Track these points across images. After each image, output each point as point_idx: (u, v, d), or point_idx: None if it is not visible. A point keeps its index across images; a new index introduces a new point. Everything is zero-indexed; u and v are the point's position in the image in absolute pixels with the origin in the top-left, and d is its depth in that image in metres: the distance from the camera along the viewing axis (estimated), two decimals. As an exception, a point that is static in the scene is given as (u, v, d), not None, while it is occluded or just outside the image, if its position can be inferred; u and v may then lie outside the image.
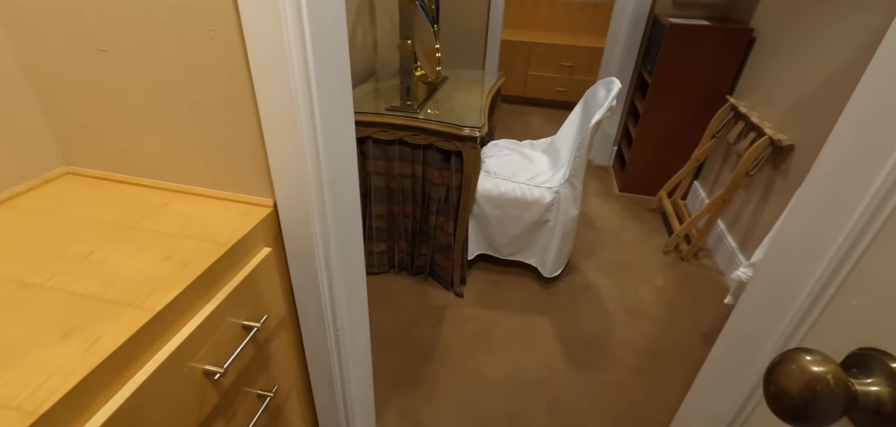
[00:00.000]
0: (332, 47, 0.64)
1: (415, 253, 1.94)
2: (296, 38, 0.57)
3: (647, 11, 2.55)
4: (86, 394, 0.44)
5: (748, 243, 1.94)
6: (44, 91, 0.73)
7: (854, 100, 0.49)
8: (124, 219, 0.68)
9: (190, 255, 0.61)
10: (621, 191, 2.76)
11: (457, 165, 1.64)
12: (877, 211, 0.43)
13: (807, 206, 0.51)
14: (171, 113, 0.70)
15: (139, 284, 0.56)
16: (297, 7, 0.55)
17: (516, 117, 3.97)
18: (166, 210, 0.71)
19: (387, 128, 1.61)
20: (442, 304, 1.86)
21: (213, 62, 0.63)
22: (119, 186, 0.77)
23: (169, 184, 0.77)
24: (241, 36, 0.59)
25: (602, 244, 2.27)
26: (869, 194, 0.43)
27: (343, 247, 0.79)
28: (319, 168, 0.68)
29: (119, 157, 0.77)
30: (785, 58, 1.88)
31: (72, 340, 0.47)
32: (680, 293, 1.96)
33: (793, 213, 0.54)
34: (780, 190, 1.78)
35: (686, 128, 2.45)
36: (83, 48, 0.67)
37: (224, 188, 0.74)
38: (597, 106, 1.74)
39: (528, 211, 1.80)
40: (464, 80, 2.08)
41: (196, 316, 0.58)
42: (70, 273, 0.57)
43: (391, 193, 1.79)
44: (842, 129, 0.50)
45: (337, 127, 0.69)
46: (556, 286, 1.98)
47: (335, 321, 0.84)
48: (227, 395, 0.68)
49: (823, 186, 0.50)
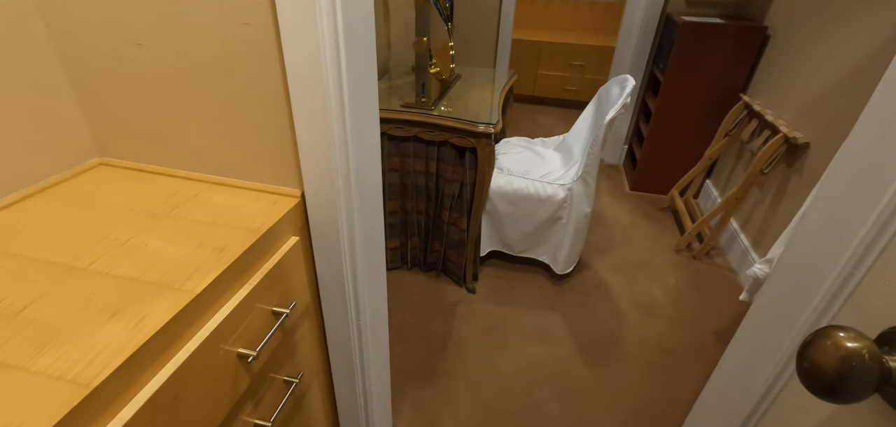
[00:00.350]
0: (361, 40, 0.66)
1: (427, 249, 1.96)
2: (329, 30, 0.59)
3: (659, 10, 2.54)
4: (134, 369, 0.46)
5: (761, 242, 1.93)
6: (80, 83, 0.76)
7: (878, 94, 0.49)
8: (158, 208, 0.71)
9: (224, 241, 0.63)
10: (632, 190, 2.76)
11: (471, 162, 1.65)
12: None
13: (835, 190, 0.52)
14: (204, 106, 0.72)
15: (178, 268, 0.58)
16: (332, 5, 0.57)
17: (526, 116, 3.98)
18: (198, 200, 0.73)
19: (402, 124, 1.63)
20: (454, 300, 1.87)
21: (248, 55, 0.65)
22: (151, 177, 0.79)
23: (199, 175, 0.79)
24: (275, 28, 0.61)
25: (613, 242, 2.27)
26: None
27: (367, 238, 0.81)
28: (348, 159, 0.69)
29: (151, 149, 0.79)
30: (800, 55, 1.87)
31: (119, 319, 0.50)
32: (692, 291, 1.96)
33: (821, 196, 0.54)
34: (795, 188, 1.77)
35: (698, 126, 2.44)
36: (120, 41, 0.69)
37: (253, 179, 0.76)
38: (611, 103, 1.74)
39: (541, 208, 1.81)
40: (477, 77, 2.09)
41: (231, 300, 0.60)
42: (111, 257, 0.59)
43: (405, 190, 1.81)
44: (866, 124, 0.51)
45: (365, 119, 0.71)
46: (568, 283, 1.98)
47: (357, 310, 0.85)
48: (257, 379, 0.70)
49: (852, 172, 0.51)
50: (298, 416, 0.89)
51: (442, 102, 1.75)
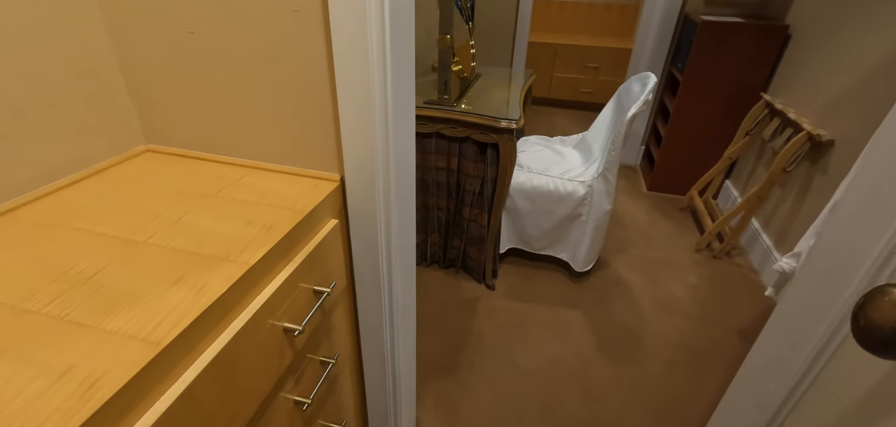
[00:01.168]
0: (403, 26, 0.68)
1: (447, 246, 1.98)
2: (377, 15, 0.61)
3: (677, 10, 2.54)
4: (198, 333, 0.49)
5: (784, 241, 1.91)
6: (131, 71, 0.79)
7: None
8: (206, 189, 0.74)
9: (271, 220, 0.66)
10: (650, 190, 2.75)
11: (492, 158, 1.67)
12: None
13: (884, 152, 0.52)
14: (250, 92, 0.74)
15: (231, 243, 0.60)
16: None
17: (541, 118, 3.98)
18: (242, 183, 0.76)
19: (424, 121, 1.66)
20: (474, 296, 1.89)
21: (295, 40, 0.67)
22: (196, 163, 0.83)
23: (242, 160, 0.82)
24: (324, 13, 0.63)
25: (632, 241, 2.26)
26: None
27: (402, 224, 0.83)
28: (388, 145, 0.71)
29: (196, 136, 0.82)
30: (823, 53, 1.86)
31: (181, 286, 0.52)
32: (714, 290, 1.95)
33: (867, 164, 0.55)
34: (819, 187, 1.75)
35: (717, 126, 2.43)
36: (171, 29, 0.73)
37: (295, 164, 0.79)
38: (632, 100, 1.75)
39: (561, 205, 1.81)
40: (496, 76, 2.11)
41: (278, 276, 0.62)
42: (167, 233, 0.62)
43: (426, 186, 1.83)
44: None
45: (404, 106, 0.73)
46: (587, 281, 1.98)
47: (390, 295, 0.87)
48: (299, 357, 0.72)
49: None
50: (332, 397, 0.91)
51: (463, 99, 1.77)
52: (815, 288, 0.65)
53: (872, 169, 0.54)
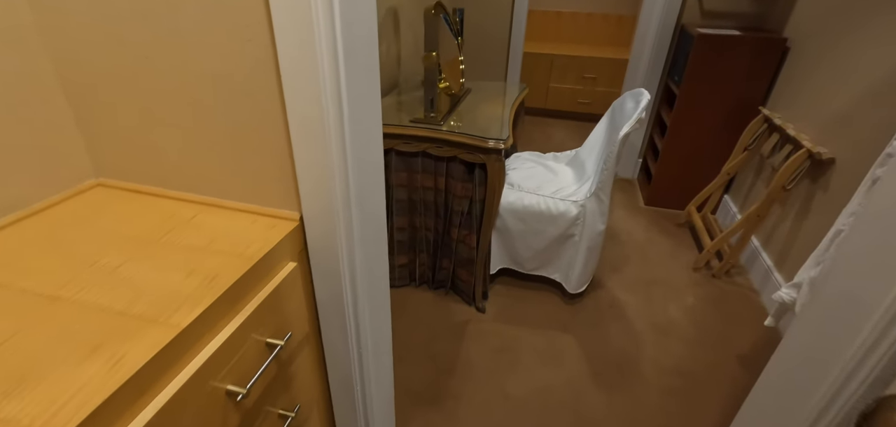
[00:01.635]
0: (363, 58, 0.62)
1: (436, 266, 1.91)
2: (328, 47, 0.56)
3: (674, 22, 2.49)
4: (109, 414, 0.43)
5: (786, 261, 1.85)
6: (79, 104, 0.74)
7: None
8: (152, 232, 0.68)
9: (216, 269, 0.60)
10: (647, 204, 2.69)
11: (480, 178, 1.61)
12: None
13: (882, 221, 0.47)
14: (202, 126, 0.69)
15: (165, 299, 0.54)
16: (330, 17, 0.54)
17: (538, 129, 3.93)
18: (194, 223, 0.70)
19: (410, 140, 1.60)
20: (464, 320, 1.82)
21: (247, 72, 0.62)
22: (148, 199, 0.77)
23: (197, 196, 0.76)
24: (273, 45, 0.58)
25: (628, 260, 2.20)
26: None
27: (368, 261, 0.77)
28: (347, 181, 0.66)
29: (149, 170, 0.77)
30: (823, 68, 1.80)
31: (97, 357, 0.46)
32: (712, 312, 1.88)
33: (861, 227, 0.49)
34: (820, 205, 1.69)
35: (715, 140, 2.37)
36: (119, 59, 0.67)
37: (251, 201, 0.74)
38: (625, 117, 1.69)
39: (553, 225, 1.75)
40: (487, 92, 2.06)
41: (221, 333, 0.57)
42: (98, 287, 0.57)
43: (413, 206, 1.78)
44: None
45: (366, 139, 0.68)
46: (581, 303, 1.92)
47: (359, 338, 0.81)
48: (249, 415, 0.66)
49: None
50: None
51: (451, 117, 1.72)
52: (809, 345, 0.59)
53: (866, 234, 0.48)
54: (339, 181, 0.65)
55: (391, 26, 2.04)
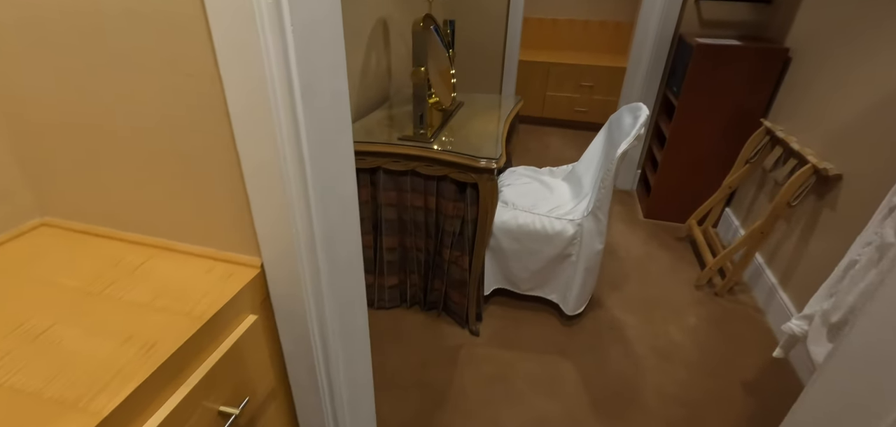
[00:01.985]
0: (326, 92, 0.55)
1: (428, 287, 1.84)
2: (281, 83, 0.48)
3: (672, 31, 2.43)
4: None
5: (791, 279, 1.77)
6: (19, 139, 0.67)
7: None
8: (93, 283, 0.60)
9: (158, 332, 0.52)
10: (646, 217, 2.62)
11: (472, 198, 1.54)
12: None
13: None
14: (151, 163, 0.62)
15: (91, 375, 0.47)
16: (282, 50, 0.47)
17: (534, 139, 3.87)
18: (141, 272, 0.63)
19: (399, 159, 1.53)
20: (456, 344, 1.74)
21: (193, 108, 0.55)
22: (96, 241, 0.70)
23: (149, 238, 0.69)
24: (220, 80, 0.51)
25: (627, 276, 2.12)
26: None
27: (341, 308, 0.70)
28: (311, 226, 0.58)
29: (97, 209, 0.69)
30: (827, 79, 1.74)
31: (-7, 462, 0.39)
32: (715, 334, 1.80)
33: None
34: (826, 223, 1.62)
35: (716, 152, 2.31)
36: (60, 92, 0.60)
37: (207, 244, 0.66)
38: (622, 133, 1.62)
39: (549, 245, 1.68)
40: (480, 105, 2.00)
41: (159, 411, 0.49)
42: (15, 359, 0.49)
43: (403, 226, 1.70)
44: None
45: (332, 179, 0.60)
46: (579, 324, 1.84)
47: (332, 392, 0.74)
48: (202, 491, 0.58)
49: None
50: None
51: (443, 133, 1.65)
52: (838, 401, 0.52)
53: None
54: (302, 225, 0.58)
55: (381, 37, 1.97)
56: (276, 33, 0.46)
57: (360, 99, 1.84)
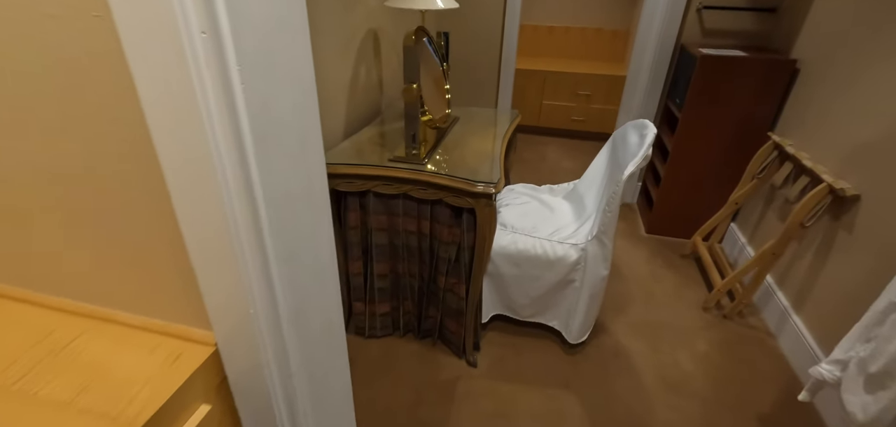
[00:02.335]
0: (291, 137, 0.45)
1: (422, 315, 1.73)
2: (227, 135, 0.38)
3: (673, 40, 2.35)
4: None
5: (805, 304, 1.68)
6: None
7: None
8: (6, 371, 0.49)
9: (74, 448, 0.41)
10: (648, 232, 2.52)
11: (469, 223, 1.43)
12: None
13: None
14: (80, 218, 0.51)
15: None
16: (225, 94, 0.36)
17: (531, 149, 3.78)
18: (70, 352, 0.52)
19: (390, 182, 1.42)
20: (453, 376, 1.63)
21: (124, 158, 0.44)
22: (24, 309, 0.58)
23: (86, 306, 0.58)
24: (148, 128, 0.40)
25: (632, 298, 2.02)
26: None
27: (314, 386, 0.59)
28: (274, 298, 0.48)
29: (22, 269, 0.58)
30: (839, 92, 1.66)
31: None
32: (727, 361, 1.70)
33: None
34: (843, 245, 1.53)
35: (720, 166, 2.22)
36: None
37: (153, 315, 0.55)
38: (628, 152, 1.53)
39: (551, 270, 1.58)
40: (476, 120, 1.90)
41: None
42: None
43: (395, 251, 1.59)
44: None
45: (300, 243, 0.50)
46: (583, 352, 1.74)
47: (307, 480, 0.62)
48: None
49: None
50: None
51: (437, 152, 1.54)
52: None
53: None
54: (261, 299, 0.47)
55: (371, 49, 1.87)
56: (216, 72, 0.35)
57: (349, 114, 1.73)
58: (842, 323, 1.48)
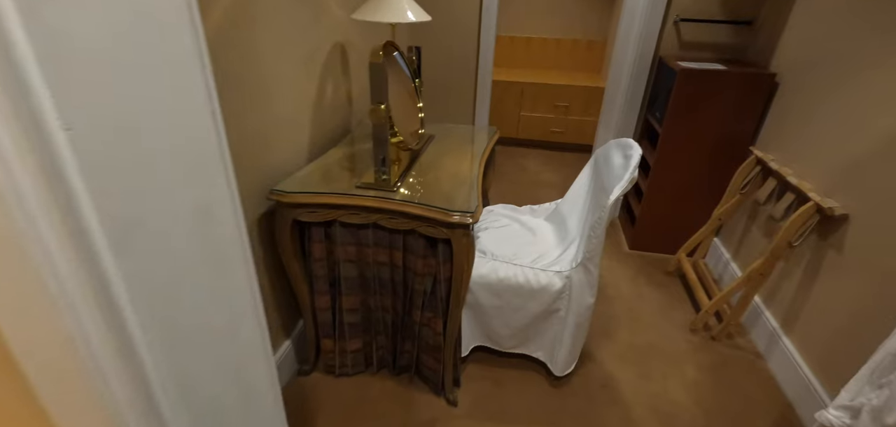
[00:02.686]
0: (183, 217, 0.32)
1: (397, 350, 1.60)
2: (52, 227, 0.25)
3: (651, 52, 2.31)
4: None
5: (795, 325, 1.63)
6: None
7: None
8: None
9: None
10: (631, 249, 2.46)
11: (445, 254, 1.32)
12: None
13: None
14: None
15: None
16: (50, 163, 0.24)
17: (510, 160, 3.70)
18: None
19: (358, 211, 1.30)
20: (431, 417, 1.51)
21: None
22: None
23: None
24: None
25: (618, 320, 1.94)
26: None
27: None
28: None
29: None
30: (820, 106, 1.62)
31: None
32: (717, 387, 1.63)
33: None
34: (832, 265, 1.48)
35: (702, 180, 2.18)
36: None
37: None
38: (611, 172, 1.45)
39: (534, 300, 1.48)
40: (453, 138, 1.79)
41: None
42: None
43: (365, 283, 1.46)
44: None
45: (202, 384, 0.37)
46: (569, 383, 1.64)
47: None
48: None
49: None
50: None
51: (410, 174, 1.43)
52: None
53: None
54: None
55: (339, 64, 1.74)
56: (35, 134, 0.22)
57: (314, 134, 1.60)
58: (833, 347, 1.43)
